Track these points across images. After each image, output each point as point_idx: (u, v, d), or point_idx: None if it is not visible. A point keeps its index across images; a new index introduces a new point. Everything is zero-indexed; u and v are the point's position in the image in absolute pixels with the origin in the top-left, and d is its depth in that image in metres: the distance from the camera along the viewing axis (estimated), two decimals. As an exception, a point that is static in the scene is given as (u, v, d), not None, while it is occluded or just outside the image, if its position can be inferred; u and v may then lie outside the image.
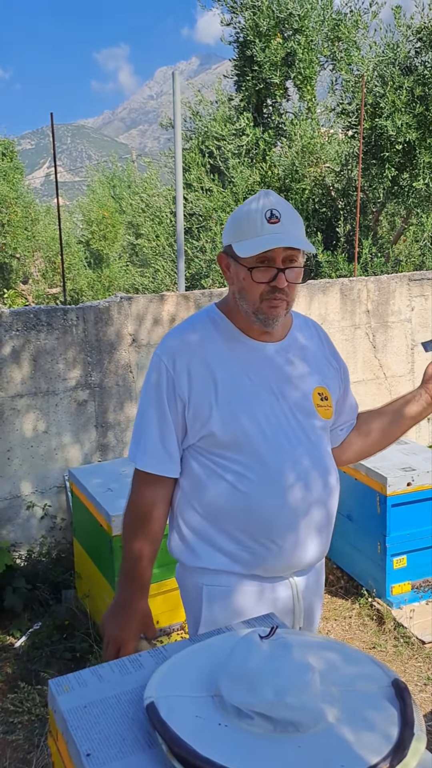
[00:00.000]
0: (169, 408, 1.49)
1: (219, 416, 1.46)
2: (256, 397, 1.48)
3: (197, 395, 1.47)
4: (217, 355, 1.50)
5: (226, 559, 1.48)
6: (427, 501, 3.24)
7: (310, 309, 4.42)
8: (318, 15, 7.69)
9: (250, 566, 1.48)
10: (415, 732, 0.90)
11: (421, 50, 6.63)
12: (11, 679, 2.83)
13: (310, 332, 1.64)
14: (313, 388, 1.56)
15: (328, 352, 1.66)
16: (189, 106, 8.62)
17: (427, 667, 2.89)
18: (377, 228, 7.87)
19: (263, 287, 1.44)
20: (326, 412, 1.57)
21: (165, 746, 0.87)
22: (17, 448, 3.56)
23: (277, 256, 1.42)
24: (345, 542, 3.52)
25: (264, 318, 1.47)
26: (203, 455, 1.49)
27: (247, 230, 1.43)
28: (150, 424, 1.51)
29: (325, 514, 1.55)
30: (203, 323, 1.55)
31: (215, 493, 1.47)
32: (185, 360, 1.49)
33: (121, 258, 13.57)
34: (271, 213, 1.42)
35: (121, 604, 1.54)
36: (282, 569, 1.50)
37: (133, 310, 3.83)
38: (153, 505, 1.53)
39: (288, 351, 1.56)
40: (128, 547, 1.55)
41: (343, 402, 1.68)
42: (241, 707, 0.91)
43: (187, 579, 1.56)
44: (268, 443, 1.47)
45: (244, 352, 1.51)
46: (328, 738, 0.89)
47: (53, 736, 1.04)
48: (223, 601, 1.49)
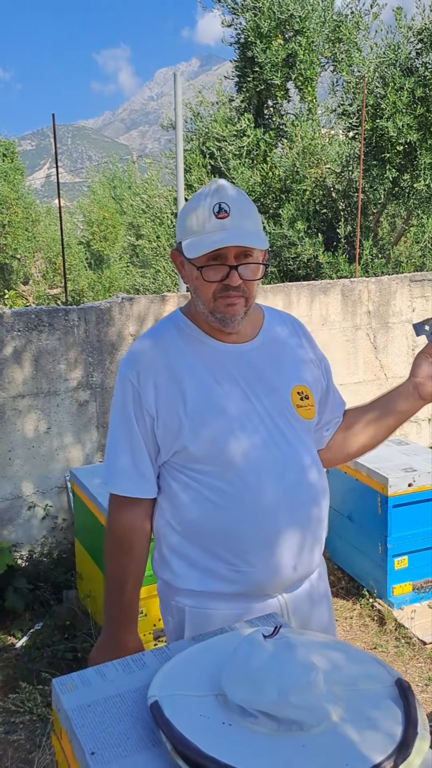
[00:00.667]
0: (138, 425, 1.39)
1: (190, 429, 1.36)
2: (228, 404, 1.38)
3: (165, 409, 1.37)
4: (182, 363, 1.39)
5: (208, 579, 1.38)
6: (428, 502, 3.24)
7: (311, 310, 4.42)
8: (319, 16, 7.69)
9: (233, 585, 1.38)
10: (419, 731, 0.90)
11: (422, 51, 6.63)
12: (13, 679, 2.83)
13: (285, 328, 1.53)
14: (291, 388, 1.45)
15: (308, 348, 1.54)
16: (190, 107, 8.63)
17: (428, 667, 2.89)
18: (378, 229, 7.87)
19: (216, 286, 1.34)
20: (307, 412, 1.45)
21: (169, 745, 0.87)
22: (19, 449, 3.56)
23: (228, 253, 1.32)
24: (346, 543, 3.52)
25: (221, 317, 1.37)
26: (180, 471, 1.40)
27: (195, 226, 1.33)
28: (120, 444, 1.42)
29: (312, 523, 1.43)
30: (167, 330, 1.45)
31: (193, 510, 1.38)
32: (150, 372, 1.39)
33: (121, 259, 13.58)
34: (219, 207, 1.31)
35: (110, 640, 1.46)
36: (268, 587, 1.40)
37: (135, 310, 3.83)
38: (132, 530, 1.43)
39: (261, 350, 1.45)
40: (111, 576, 1.46)
41: (326, 400, 1.56)
42: (245, 706, 0.91)
43: (170, 597, 1.46)
44: (243, 453, 1.36)
45: (211, 357, 1.41)
46: (332, 737, 0.89)
47: (57, 735, 1.04)
48: (207, 625, 1.36)
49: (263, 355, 1.45)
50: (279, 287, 4.36)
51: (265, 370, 1.43)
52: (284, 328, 1.53)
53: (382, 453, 3.42)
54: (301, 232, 7.09)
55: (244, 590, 1.38)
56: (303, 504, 1.41)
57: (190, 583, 1.40)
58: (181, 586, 1.41)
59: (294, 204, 7.29)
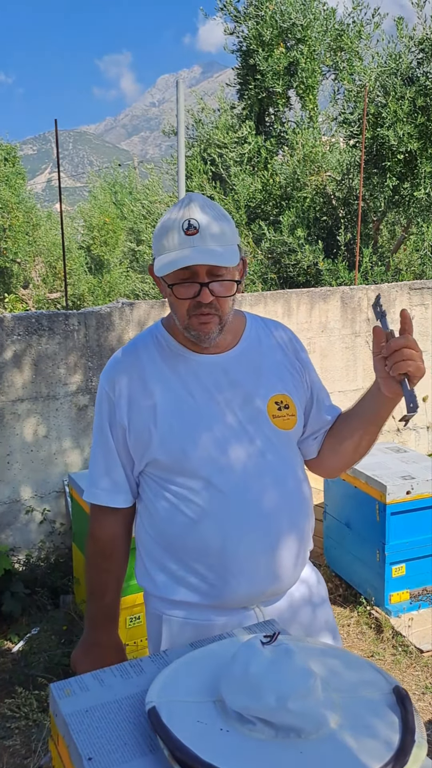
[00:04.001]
0: (112, 435, 1.41)
1: (159, 440, 1.35)
2: (201, 415, 1.36)
3: (136, 420, 1.38)
4: (156, 374, 1.39)
5: (183, 589, 1.38)
6: (427, 509, 3.24)
7: (311, 317, 4.43)
8: (321, 25, 7.74)
9: (208, 597, 1.36)
10: (416, 739, 0.90)
11: (423, 61, 6.67)
12: (9, 684, 2.82)
13: (268, 335, 1.49)
14: (268, 398, 1.41)
15: (292, 356, 1.50)
16: (191, 114, 8.66)
17: (425, 675, 2.88)
18: (378, 237, 7.90)
19: (188, 303, 1.32)
20: (286, 422, 1.41)
21: (166, 751, 0.87)
22: (17, 453, 3.56)
23: (200, 270, 1.29)
24: (343, 550, 3.52)
25: (196, 335, 1.35)
26: (154, 480, 1.40)
27: (166, 243, 1.31)
28: (95, 455, 1.45)
29: (291, 536, 1.39)
30: (144, 342, 1.45)
31: (166, 519, 1.38)
32: (124, 383, 1.39)
33: (121, 264, 13.61)
34: (189, 224, 1.28)
35: (91, 640, 1.49)
36: (243, 600, 1.37)
37: (135, 315, 3.84)
38: (111, 538, 1.46)
39: (238, 359, 1.42)
40: (92, 582, 1.49)
41: (311, 408, 1.51)
42: (242, 713, 0.91)
43: (149, 604, 1.48)
44: (214, 465, 1.34)
45: (185, 368, 1.39)
46: (330, 744, 0.89)
47: (54, 740, 1.04)
48: (183, 634, 1.38)
49: (240, 365, 1.42)
50: (279, 294, 4.37)
51: (242, 379, 1.41)
52: (267, 335, 1.49)
53: (380, 460, 3.42)
54: (302, 239, 7.11)
55: (217, 603, 1.37)
56: (281, 515, 1.37)
57: (166, 592, 1.40)
58: (157, 594, 1.42)
59: (294, 211, 7.32)
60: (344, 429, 1.49)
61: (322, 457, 1.54)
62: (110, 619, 1.49)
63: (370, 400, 1.41)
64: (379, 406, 1.39)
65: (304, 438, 1.51)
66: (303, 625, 1.47)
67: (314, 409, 1.51)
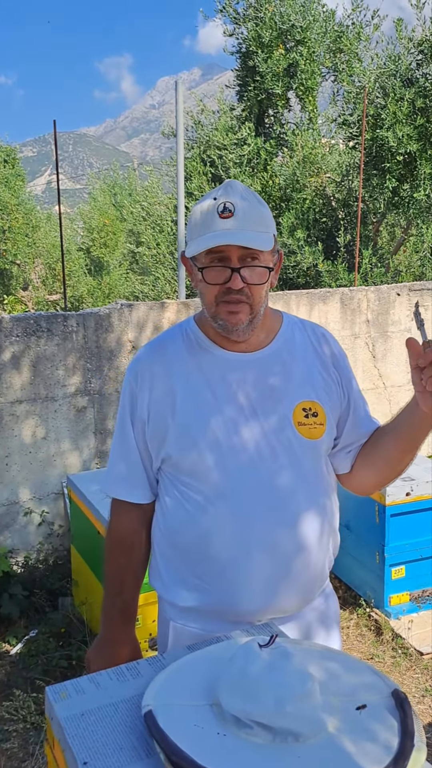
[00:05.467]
0: (133, 429, 1.38)
1: (174, 438, 1.32)
2: (219, 415, 1.30)
3: (155, 412, 1.34)
4: (181, 370, 1.34)
5: (191, 595, 1.34)
6: (426, 511, 3.23)
7: (310, 318, 4.42)
8: (320, 27, 7.74)
9: (214, 607, 1.32)
10: (416, 743, 0.89)
11: (423, 62, 6.67)
12: (6, 687, 2.81)
13: (304, 337, 1.42)
14: (296, 403, 1.33)
15: (329, 361, 1.41)
16: (191, 116, 8.66)
17: (425, 678, 2.87)
18: (377, 238, 7.89)
19: (217, 288, 1.27)
20: (312, 431, 1.33)
21: (163, 755, 0.86)
22: (16, 454, 3.55)
23: (232, 255, 1.25)
24: (343, 552, 3.49)
25: (223, 324, 1.29)
26: (170, 480, 1.36)
27: (200, 226, 1.28)
28: (116, 449, 1.42)
29: (305, 555, 1.32)
30: (173, 336, 1.41)
31: (178, 521, 1.34)
32: (148, 376, 1.36)
33: (121, 265, 13.60)
34: (224, 207, 1.25)
35: (104, 638, 1.45)
36: (247, 614, 1.31)
37: (134, 317, 3.83)
38: (130, 533, 1.42)
39: (269, 360, 1.35)
40: (108, 576, 1.45)
41: (346, 420, 1.41)
42: (240, 716, 0.90)
43: (160, 607, 1.46)
44: (226, 471, 1.29)
45: (211, 365, 1.34)
46: (328, 748, 0.88)
47: (50, 744, 1.03)
48: (186, 642, 1.29)
49: (271, 366, 1.35)
50: (278, 295, 4.37)
51: (270, 382, 1.34)
52: (304, 337, 1.41)
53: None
54: (301, 240, 7.10)
55: (225, 615, 1.33)
56: (296, 532, 1.31)
57: (176, 597, 1.37)
58: (168, 598, 1.40)
59: (294, 213, 7.32)
60: (380, 445, 1.41)
61: (354, 473, 1.45)
62: (125, 615, 1.44)
63: (407, 415, 1.32)
64: (417, 423, 1.29)
65: (336, 451, 1.43)
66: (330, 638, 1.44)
67: (350, 421, 1.42)
